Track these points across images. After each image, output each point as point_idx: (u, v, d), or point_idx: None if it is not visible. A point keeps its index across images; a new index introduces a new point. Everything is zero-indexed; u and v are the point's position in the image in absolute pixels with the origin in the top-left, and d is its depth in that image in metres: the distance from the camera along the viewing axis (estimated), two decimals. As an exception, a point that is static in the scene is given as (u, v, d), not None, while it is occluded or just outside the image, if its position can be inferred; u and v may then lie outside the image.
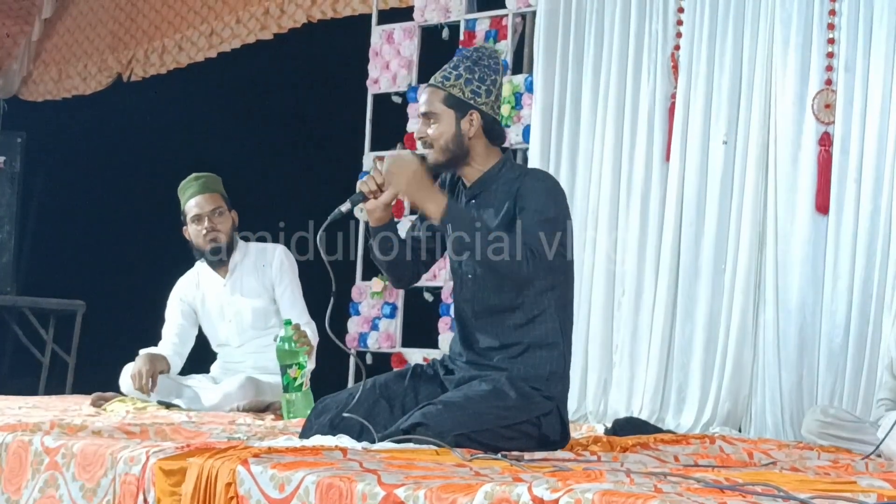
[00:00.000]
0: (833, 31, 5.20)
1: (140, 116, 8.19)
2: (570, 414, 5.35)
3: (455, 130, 3.51)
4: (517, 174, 3.56)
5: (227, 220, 5.09)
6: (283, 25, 7.38)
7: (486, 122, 3.54)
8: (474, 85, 3.53)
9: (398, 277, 3.70)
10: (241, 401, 4.82)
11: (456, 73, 3.53)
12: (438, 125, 3.52)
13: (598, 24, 5.92)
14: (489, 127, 3.55)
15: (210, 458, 2.72)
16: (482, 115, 3.53)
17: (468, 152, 3.54)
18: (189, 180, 5.10)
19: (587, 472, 2.62)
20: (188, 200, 5.06)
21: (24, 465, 3.15)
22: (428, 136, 3.53)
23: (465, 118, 3.52)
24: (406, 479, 2.42)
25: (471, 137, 3.53)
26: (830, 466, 3.34)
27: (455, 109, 3.52)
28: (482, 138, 3.55)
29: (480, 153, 3.56)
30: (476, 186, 3.57)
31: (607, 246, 5.75)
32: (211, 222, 5.03)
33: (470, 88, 3.53)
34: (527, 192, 3.47)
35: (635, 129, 5.73)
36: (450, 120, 3.51)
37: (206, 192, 5.06)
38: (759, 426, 5.21)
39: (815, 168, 5.21)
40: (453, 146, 3.52)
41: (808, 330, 5.18)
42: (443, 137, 3.51)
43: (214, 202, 5.06)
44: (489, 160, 3.58)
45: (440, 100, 3.53)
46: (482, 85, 3.54)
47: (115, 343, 5.97)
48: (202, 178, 5.09)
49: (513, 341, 3.50)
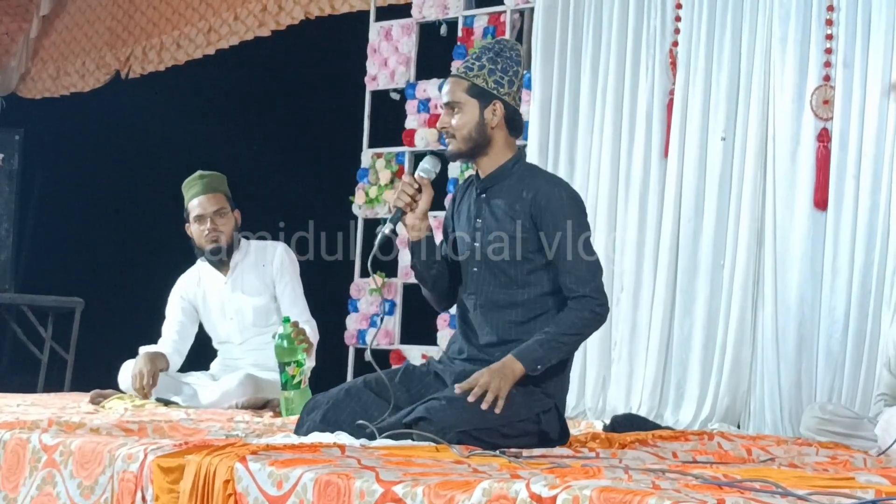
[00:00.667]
0: (831, 27, 5.20)
1: (138, 113, 8.18)
2: (569, 410, 5.38)
3: (479, 119, 3.53)
4: (531, 174, 3.60)
5: (229, 220, 5.09)
6: (281, 22, 7.38)
7: (508, 113, 3.56)
8: (497, 75, 3.55)
9: (442, 293, 3.70)
10: (240, 398, 4.82)
11: (479, 63, 3.55)
12: (462, 115, 3.53)
13: (596, 20, 5.92)
14: (511, 117, 3.58)
15: (208, 456, 2.71)
16: (505, 106, 3.55)
17: (489, 142, 3.56)
18: (194, 178, 5.10)
19: (585, 468, 2.62)
20: (192, 199, 5.06)
21: (21, 463, 3.15)
22: (451, 126, 3.54)
23: (489, 108, 3.54)
24: (404, 475, 2.42)
25: (493, 127, 3.55)
26: (829, 463, 3.34)
27: (479, 99, 3.53)
28: (503, 129, 3.57)
29: (500, 144, 3.58)
30: (489, 180, 3.59)
31: (606, 242, 5.74)
32: (213, 223, 5.03)
33: (493, 79, 3.55)
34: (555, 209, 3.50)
35: (634, 125, 5.73)
36: (473, 109, 3.53)
37: (210, 192, 5.06)
38: (758, 422, 5.21)
39: (813, 164, 5.21)
40: (476, 135, 3.54)
41: (806, 326, 5.18)
42: (466, 127, 3.53)
43: (217, 203, 5.06)
44: (506, 153, 3.60)
45: (464, 90, 3.54)
46: (504, 76, 3.55)
47: (114, 340, 5.97)
48: (207, 177, 5.09)
49: (513, 338, 3.51)
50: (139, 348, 4.99)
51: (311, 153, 7.33)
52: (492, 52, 3.57)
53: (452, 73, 3.62)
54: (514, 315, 3.52)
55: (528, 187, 3.53)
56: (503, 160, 3.58)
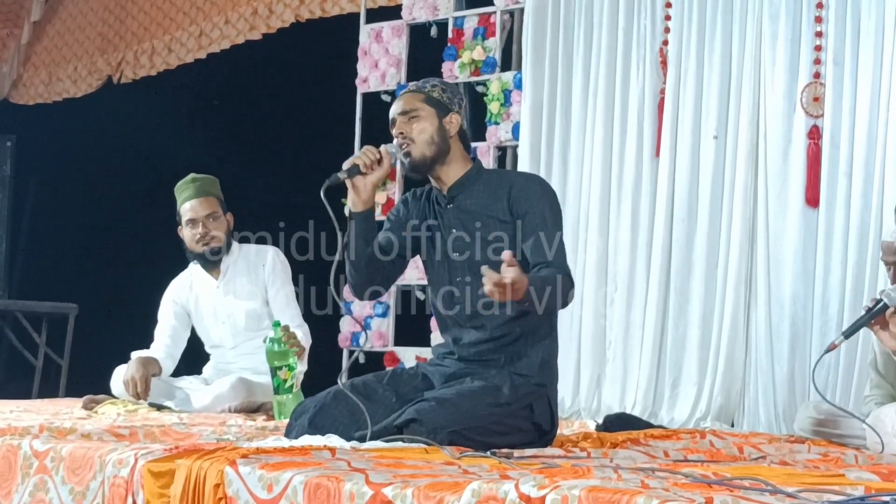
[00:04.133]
0: (821, 25, 5.21)
1: (131, 118, 8.18)
2: (564, 411, 5.38)
3: (438, 125, 3.57)
4: (500, 174, 3.66)
5: (221, 223, 5.08)
6: (271, 25, 7.38)
7: (462, 128, 3.63)
8: (448, 94, 3.64)
9: (369, 277, 3.64)
10: (233, 402, 4.81)
11: (430, 83, 3.65)
12: (420, 122, 3.56)
13: (586, 20, 5.92)
14: (464, 134, 3.65)
15: (198, 460, 2.71)
16: (460, 119, 3.61)
17: (449, 150, 3.59)
18: (186, 182, 5.10)
19: (575, 468, 2.62)
20: (184, 203, 5.06)
21: (13, 470, 3.14)
22: (411, 131, 3.55)
23: (446, 117, 3.59)
24: (394, 477, 2.42)
25: (451, 136, 3.59)
26: (820, 460, 3.34)
27: (436, 108, 3.59)
28: (458, 143, 3.63)
29: (458, 154, 3.62)
30: (455, 188, 3.61)
31: (599, 242, 5.75)
32: (205, 227, 5.03)
33: (446, 95, 3.63)
34: (529, 197, 3.53)
35: (625, 124, 5.74)
36: (432, 117, 3.57)
37: (202, 195, 5.05)
38: (752, 421, 5.22)
39: (804, 162, 5.21)
40: (438, 139, 3.56)
41: (799, 324, 5.19)
42: (426, 132, 3.55)
43: (210, 207, 5.05)
44: (465, 163, 3.64)
45: (420, 100, 3.60)
46: (454, 97, 3.65)
47: (108, 346, 5.96)
48: (199, 180, 5.08)
49: (503, 332, 3.52)
50: (131, 353, 4.98)
51: (302, 155, 7.32)
52: (438, 81, 3.68)
53: (403, 92, 3.69)
54: (502, 311, 3.51)
55: (503, 184, 3.58)
56: (465, 169, 3.62)
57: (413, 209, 3.71)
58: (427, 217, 3.66)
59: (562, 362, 3.72)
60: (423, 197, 3.71)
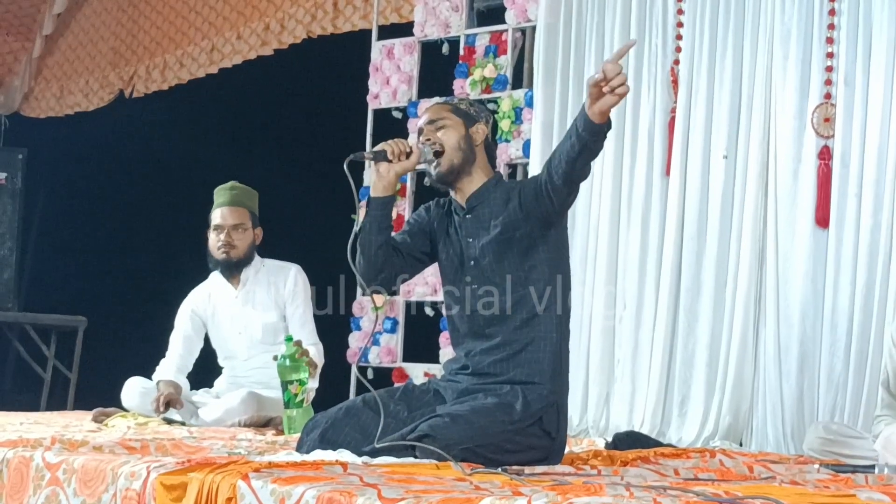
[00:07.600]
0: (832, 45, 5.22)
1: (142, 132, 8.21)
2: (572, 429, 5.38)
3: (465, 133, 3.63)
4: (514, 182, 3.75)
5: (247, 236, 5.14)
6: (283, 41, 7.41)
7: (487, 138, 3.68)
8: (476, 107, 3.73)
9: (379, 267, 3.63)
10: (243, 415, 4.83)
11: (457, 98, 3.67)
12: (447, 130, 3.62)
13: (597, 39, 5.93)
14: (489, 145, 3.70)
15: (211, 473, 2.71)
16: (486, 130, 3.67)
17: (475, 159, 3.63)
18: (225, 188, 5.17)
19: (587, 486, 2.62)
20: (216, 208, 5.16)
21: (25, 481, 3.15)
22: (438, 138, 3.60)
23: (473, 127, 3.65)
24: (406, 493, 2.42)
25: (477, 145, 3.64)
26: (830, 480, 3.33)
27: (464, 119, 3.65)
28: (484, 153, 3.67)
29: (482, 164, 3.66)
30: (473, 199, 3.64)
31: (608, 260, 5.76)
32: (229, 236, 5.09)
33: (473, 108, 3.71)
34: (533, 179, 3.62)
35: (636, 143, 5.75)
36: (459, 126, 3.64)
37: (234, 205, 5.13)
38: (761, 440, 5.21)
39: (815, 182, 5.21)
40: (466, 147, 3.62)
41: (808, 344, 5.18)
42: (454, 138, 3.61)
43: (238, 217, 5.12)
44: (488, 172, 3.68)
45: (448, 111, 3.67)
46: (481, 111, 3.74)
47: (117, 359, 5.98)
48: (237, 189, 5.17)
49: (513, 339, 3.54)
50: (152, 376, 5.04)
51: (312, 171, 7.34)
52: (465, 98, 3.76)
53: (431, 105, 3.79)
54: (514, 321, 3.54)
55: (515, 187, 3.65)
56: (485, 179, 3.66)
57: (435, 216, 3.75)
58: (447, 225, 3.70)
59: (570, 380, 3.72)
60: (445, 206, 3.75)
